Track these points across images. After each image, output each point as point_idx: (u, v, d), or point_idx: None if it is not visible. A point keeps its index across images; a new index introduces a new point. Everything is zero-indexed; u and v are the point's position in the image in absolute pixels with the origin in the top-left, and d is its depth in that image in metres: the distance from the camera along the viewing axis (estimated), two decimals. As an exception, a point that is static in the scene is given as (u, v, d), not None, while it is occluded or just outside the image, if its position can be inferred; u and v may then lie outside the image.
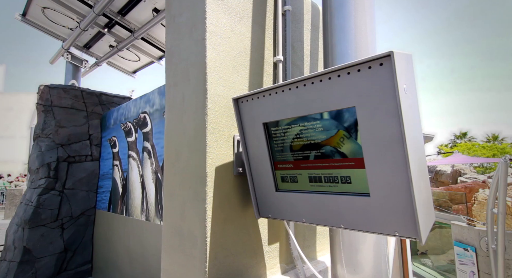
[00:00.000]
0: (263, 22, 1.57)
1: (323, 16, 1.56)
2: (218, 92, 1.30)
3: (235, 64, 1.39)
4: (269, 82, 1.59)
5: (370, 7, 1.45)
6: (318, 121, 0.98)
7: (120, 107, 5.12)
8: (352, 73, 0.84)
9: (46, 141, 5.24)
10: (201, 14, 1.28)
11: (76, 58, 5.84)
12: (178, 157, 1.38)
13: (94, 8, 3.98)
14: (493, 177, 2.65)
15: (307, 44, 1.90)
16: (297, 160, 1.09)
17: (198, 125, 1.27)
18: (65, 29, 5.12)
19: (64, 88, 5.44)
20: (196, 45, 1.31)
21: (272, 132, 1.15)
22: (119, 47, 5.00)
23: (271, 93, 1.09)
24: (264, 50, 1.57)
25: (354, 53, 1.44)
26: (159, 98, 4.19)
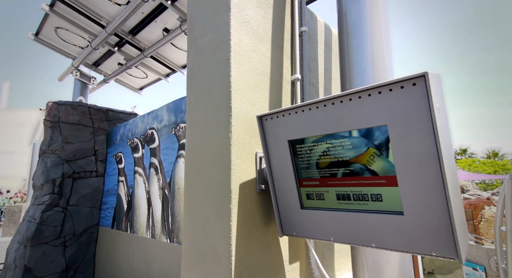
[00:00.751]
0: (281, 43, 1.63)
1: (340, 37, 1.61)
2: (241, 110, 1.32)
3: (256, 83, 1.43)
4: (287, 100, 1.62)
5: (386, 29, 1.51)
6: (347, 139, 1.00)
7: (127, 123, 5.16)
8: (383, 93, 0.87)
9: (52, 156, 5.25)
10: (226, 35, 1.33)
11: (84, 76, 5.96)
12: (200, 173, 1.38)
13: (107, 28, 4.11)
14: (499, 194, 2.64)
15: (321, 63, 1.95)
16: (323, 177, 1.10)
17: (222, 142, 1.29)
18: (75, 47, 5.26)
19: (72, 105, 5.52)
20: (220, 64, 1.35)
21: (297, 149, 1.16)
22: (128, 65, 5.12)
23: (297, 111, 1.12)
24: (283, 69, 1.62)
25: (372, 71, 1.48)
26: (167, 115, 4.24)
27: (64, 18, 4.29)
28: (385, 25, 1.51)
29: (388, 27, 1.51)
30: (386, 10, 1.52)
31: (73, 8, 4.10)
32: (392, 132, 0.86)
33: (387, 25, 1.52)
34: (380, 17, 1.50)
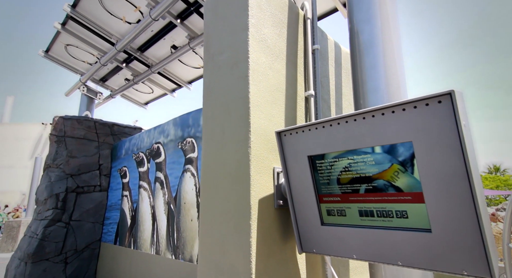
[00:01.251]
0: (295, 60, 1.67)
1: (352, 54, 1.66)
2: (259, 126, 1.34)
3: (273, 99, 1.45)
4: (301, 115, 1.64)
5: (398, 47, 1.55)
6: (369, 155, 1.01)
7: (133, 138, 5.18)
8: (407, 110, 0.88)
9: (57, 171, 5.24)
10: (244, 53, 1.37)
11: (91, 91, 6.05)
12: (217, 189, 1.38)
13: (116, 46, 4.21)
14: (505, 210, 2.61)
15: (332, 79, 1.99)
16: (345, 193, 1.10)
17: (240, 157, 1.30)
18: (84, 63, 5.37)
19: (78, 119, 5.56)
20: (238, 81, 1.38)
21: (317, 165, 1.17)
22: (135, 81, 5.20)
23: (317, 127, 1.13)
24: (297, 86, 1.65)
25: (386, 88, 1.51)
26: (174, 129, 4.27)
27: (75, 35, 4.41)
28: (397, 43, 1.55)
29: (400, 46, 1.56)
30: (397, 29, 1.57)
31: (84, 26, 4.22)
32: (417, 148, 0.87)
33: (399, 43, 1.56)
34: (392, 36, 1.55)
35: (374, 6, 1.56)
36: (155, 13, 3.47)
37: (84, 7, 3.89)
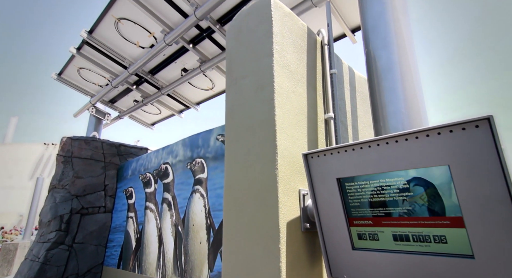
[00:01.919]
0: (314, 84, 1.72)
1: (369, 79, 1.71)
2: (285, 148, 1.35)
3: (296, 122, 1.48)
4: (322, 137, 1.66)
5: (416, 71, 1.60)
6: (403, 178, 1.01)
7: (140, 158, 5.19)
8: (443, 134, 0.90)
9: (62, 192, 5.20)
10: (269, 78, 1.42)
11: (99, 112, 6.14)
12: (242, 212, 1.37)
13: (129, 69, 4.34)
14: None
15: (348, 102, 2.03)
16: (377, 216, 1.09)
17: (267, 179, 1.30)
18: (94, 86, 5.50)
19: (85, 140, 5.61)
20: (263, 104, 1.41)
21: (346, 187, 1.17)
22: (145, 102, 5.30)
23: (347, 150, 1.15)
24: (317, 108, 1.69)
25: (406, 111, 1.54)
26: (182, 150, 4.28)
27: (89, 59, 4.56)
28: (415, 68, 1.60)
29: (418, 70, 1.61)
30: (414, 55, 1.63)
31: (99, 51, 4.37)
32: (455, 172, 0.88)
33: (417, 68, 1.61)
34: (410, 61, 1.60)
35: (391, 33, 1.63)
36: (169, 38, 3.61)
37: (100, 33, 4.06)
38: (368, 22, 1.77)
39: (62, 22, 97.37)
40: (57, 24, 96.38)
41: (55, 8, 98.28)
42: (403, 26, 1.64)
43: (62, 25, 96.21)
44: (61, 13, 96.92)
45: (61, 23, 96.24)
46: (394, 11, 1.66)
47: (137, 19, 3.74)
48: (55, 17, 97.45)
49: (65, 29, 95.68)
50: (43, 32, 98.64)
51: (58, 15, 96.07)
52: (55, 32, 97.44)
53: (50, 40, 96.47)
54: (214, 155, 3.67)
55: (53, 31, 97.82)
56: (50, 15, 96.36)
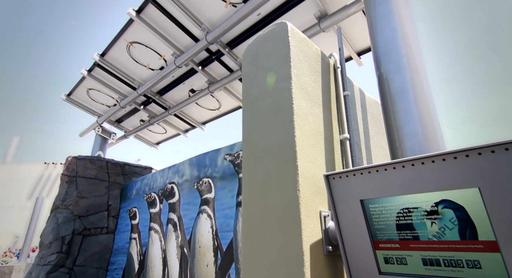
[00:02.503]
0: (329, 105, 1.75)
1: (383, 100, 1.74)
2: (305, 169, 1.36)
3: (314, 142, 1.50)
4: (338, 158, 1.67)
5: (429, 94, 1.64)
6: (431, 200, 1.01)
7: (145, 178, 5.16)
8: (471, 156, 0.91)
9: (65, 212, 5.12)
10: (288, 100, 1.45)
11: (105, 131, 6.18)
12: (262, 234, 1.35)
13: (138, 90, 4.43)
14: None
15: (360, 123, 2.06)
16: (404, 239, 1.07)
17: (288, 200, 1.29)
18: (102, 106, 5.58)
19: (90, 160, 5.61)
20: (282, 126, 1.44)
21: (370, 209, 1.16)
22: (151, 122, 5.35)
23: (370, 171, 1.15)
24: (332, 129, 1.71)
25: (422, 132, 1.56)
26: (189, 169, 4.27)
27: (99, 81, 4.67)
28: (428, 90, 1.64)
29: (431, 93, 1.65)
30: (426, 78, 1.68)
31: (109, 73, 4.49)
32: (486, 195, 0.88)
33: (429, 90, 1.65)
34: (422, 83, 1.65)
35: (403, 58, 1.69)
36: (179, 61, 3.72)
37: (112, 55, 4.19)
38: (379, 47, 1.84)
39: (72, 45, 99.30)
40: (67, 47, 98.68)
41: (67, 32, 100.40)
42: (415, 52, 1.70)
43: (72, 48, 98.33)
44: (72, 37, 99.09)
45: (71, 46, 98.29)
46: (404, 38, 1.73)
47: (148, 42, 3.87)
48: (67, 40, 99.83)
49: (74, 51, 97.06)
50: (52, 53, 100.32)
51: (70, 38, 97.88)
52: (63, 54, 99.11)
53: (57, 61, 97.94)
54: (222, 174, 3.65)
55: (61, 53, 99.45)
56: (62, 38, 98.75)
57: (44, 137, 33.33)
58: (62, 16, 73.16)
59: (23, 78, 42.93)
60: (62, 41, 67.82)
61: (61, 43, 69.66)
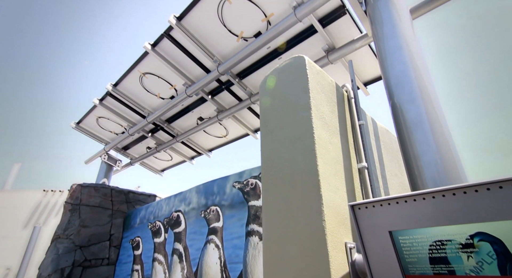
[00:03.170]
0: (346, 134, 1.79)
1: (398, 130, 1.78)
2: (328, 198, 1.35)
3: (334, 171, 1.50)
4: (358, 187, 1.67)
5: (445, 124, 1.68)
6: (465, 233, 0.99)
7: (150, 206, 5.08)
8: (505, 187, 0.92)
9: (66, 242, 4.98)
10: (308, 129, 1.49)
11: (111, 159, 6.19)
12: (286, 267, 1.31)
13: (148, 118, 4.52)
14: None
15: (374, 151, 2.08)
16: (439, 274, 1.04)
17: (313, 231, 1.27)
18: (110, 133, 5.65)
19: (95, 187, 5.57)
20: (304, 155, 1.46)
21: (400, 241, 1.14)
22: (158, 149, 5.38)
23: (398, 202, 1.15)
24: (351, 158, 1.72)
25: (441, 162, 1.57)
26: (196, 197, 4.21)
27: (109, 109, 4.77)
28: (443, 120, 1.68)
29: (446, 123, 1.69)
30: (440, 108, 1.73)
31: (120, 102, 4.61)
32: (524, 226, 0.87)
33: (445, 120, 1.69)
34: (437, 113, 1.69)
35: (415, 89, 1.75)
36: (190, 91, 3.84)
37: (124, 85, 4.33)
38: (391, 78, 1.91)
39: (78, 74, 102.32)
40: (74, 73, 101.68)
41: (77, 62, 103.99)
42: (427, 83, 1.77)
43: (79, 76, 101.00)
44: (82, 68, 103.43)
45: (78, 74, 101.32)
46: (416, 71, 1.81)
47: (161, 73, 4.02)
48: (76, 69, 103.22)
49: (83, 80, 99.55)
50: (60, 81, 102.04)
51: (78, 68, 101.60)
52: (72, 82, 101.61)
53: (61, 87, 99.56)
54: (231, 202, 3.60)
55: (70, 82, 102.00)
56: (70, 68, 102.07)
57: (46, 164, 33.14)
58: (73, 45, 75.32)
59: (27, 103, 42.98)
60: (71, 69, 68.82)
61: (70, 71, 70.56)
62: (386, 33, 2.04)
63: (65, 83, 25.36)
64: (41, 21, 20.14)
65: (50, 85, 23.84)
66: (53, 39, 21.81)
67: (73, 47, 23.87)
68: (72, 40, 24.11)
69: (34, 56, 22.16)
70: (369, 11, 2.28)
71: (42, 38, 20.64)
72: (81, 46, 25.95)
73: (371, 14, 2.24)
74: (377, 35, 2.13)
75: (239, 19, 3.10)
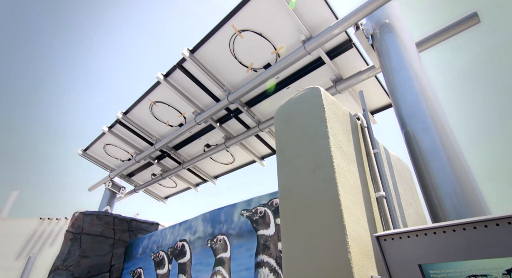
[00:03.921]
0: (362, 163, 1.80)
1: (414, 160, 1.79)
2: (352, 229, 1.33)
3: (355, 201, 1.49)
4: (377, 217, 1.64)
5: (461, 152, 1.69)
6: (501, 267, 0.97)
7: (153, 235, 4.94)
8: (539, 219, 0.91)
9: (65, 274, 4.78)
10: (328, 158, 1.50)
11: (115, 186, 6.15)
12: (311, 303, 1.26)
13: (155, 145, 4.55)
14: None
15: (389, 180, 2.08)
16: (477, 310, 1.00)
17: (339, 264, 1.24)
18: (116, 160, 5.66)
19: (98, 215, 5.47)
20: (323, 184, 1.46)
21: (431, 275, 1.10)
22: (164, 176, 5.36)
23: (427, 233, 1.13)
24: (368, 187, 1.72)
25: (461, 191, 1.56)
26: (202, 225, 4.11)
27: (118, 136, 4.83)
28: (458, 149, 1.70)
29: (462, 152, 1.70)
30: (455, 137, 1.75)
31: (129, 129, 4.68)
32: None
33: (460, 149, 1.71)
34: (452, 143, 1.71)
35: (428, 119, 1.80)
36: (199, 118, 3.92)
37: (134, 114, 4.42)
38: (402, 108, 1.96)
39: (84, 100, 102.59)
40: (78, 99, 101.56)
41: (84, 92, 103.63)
42: (439, 113, 1.82)
43: (84, 102, 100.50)
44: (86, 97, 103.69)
45: (83, 101, 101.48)
46: (427, 101, 1.86)
47: (171, 101, 4.13)
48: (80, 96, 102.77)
49: (88, 107, 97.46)
50: (65, 107, 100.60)
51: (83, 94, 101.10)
52: (76, 108, 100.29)
53: (68, 114, 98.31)
54: (239, 231, 3.50)
55: (72, 107, 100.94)
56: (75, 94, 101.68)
57: (46, 190, 32.74)
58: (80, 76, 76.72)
59: (28, 127, 43.27)
60: (75, 95, 69.24)
61: (74, 97, 70.89)
62: (394, 65, 2.13)
63: (71, 108, 25.91)
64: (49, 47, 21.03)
65: (53, 110, 24.29)
66: (59, 63, 22.55)
67: (81, 75, 24.60)
68: (79, 67, 24.98)
69: (44, 80, 22.78)
70: (376, 44, 2.40)
71: (47, 62, 21.37)
72: (89, 74, 26.80)
73: (378, 48, 2.36)
74: (386, 67, 2.22)
75: (250, 51, 3.25)
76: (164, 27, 25.56)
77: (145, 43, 22.75)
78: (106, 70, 23.55)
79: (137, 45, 24.39)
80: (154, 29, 23.15)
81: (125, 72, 25.48)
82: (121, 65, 26.60)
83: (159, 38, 25.13)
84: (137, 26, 23.37)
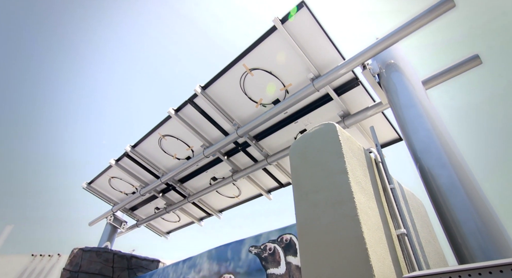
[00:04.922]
0: (380, 198, 1.78)
1: (432, 195, 1.78)
2: (378, 269, 1.28)
3: (378, 238, 1.46)
4: (400, 255, 1.59)
5: (479, 187, 1.69)
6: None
7: (154, 273, 4.70)
8: None
9: (57, 317, 4.45)
10: (348, 193, 1.50)
11: (117, 220, 6.00)
12: None
13: (162, 178, 4.53)
14: None
15: (407, 216, 2.04)
16: None
17: (369, 310, 1.17)
18: (120, 193, 5.59)
19: (97, 252, 5.25)
20: (345, 220, 1.43)
21: (470, 321, 1.04)
22: (168, 210, 5.25)
23: (461, 275, 1.09)
24: (389, 224, 1.68)
25: (485, 229, 1.53)
26: (208, 263, 3.93)
27: (124, 169, 4.83)
28: (477, 184, 1.70)
29: (481, 188, 1.70)
30: (471, 172, 1.76)
31: (136, 162, 4.69)
32: None
33: (478, 184, 1.71)
34: (470, 179, 1.72)
35: (444, 155, 1.82)
36: (208, 152, 3.95)
37: (143, 147, 4.47)
38: (415, 144, 2.00)
39: (84, 133, 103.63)
40: (80, 132, 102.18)
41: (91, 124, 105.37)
42: (454, 149, 1.84)
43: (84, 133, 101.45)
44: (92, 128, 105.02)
45: (83, 133, 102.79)
46: (441, 138, 1.90)
47: (180, 135, 4.20)
48: (81, 128, 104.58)
49: (86, 139, 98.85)
50: (66, 139, 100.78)
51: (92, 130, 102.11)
52: (75, 140, 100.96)
53: (67, 147, 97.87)
54: (247, 270, 3.33)
55: (70, 139, 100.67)
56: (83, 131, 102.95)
57: (42, 225, 31.35)
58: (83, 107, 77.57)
59: (26, 159, 42.14)
60: (73, 127, 69.38)
61: (73, 129, 71.14)
62: (403, 102, 2.21)
63: (69, 141, 26.08)
64: (49, 82, 21.55)
65: (51, 142, 24.30)
66: (62, 97, 22.96)
67: (81, 108, 25.03)
68: (83, 102, 25.54)
69: (54, 113, 23.11)
70: (383, 82, 2.51)
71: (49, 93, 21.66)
72: (94, 109, 27.43)
73: (385, 85, 2.46)
74: (394, 104, 2.30)
75: (259, 88, 3.39)
76: (172, 66, 26.57)
77: (149, 83, 23.45)
78: (111, 102, 23.96)
79: (140, 83, 25.22)
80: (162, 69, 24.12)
81: (130, 107, 25.98)
82: (125, 102, 27.27)
83: (166, 77, 25.95)
84: (142, 66, 24.33)
